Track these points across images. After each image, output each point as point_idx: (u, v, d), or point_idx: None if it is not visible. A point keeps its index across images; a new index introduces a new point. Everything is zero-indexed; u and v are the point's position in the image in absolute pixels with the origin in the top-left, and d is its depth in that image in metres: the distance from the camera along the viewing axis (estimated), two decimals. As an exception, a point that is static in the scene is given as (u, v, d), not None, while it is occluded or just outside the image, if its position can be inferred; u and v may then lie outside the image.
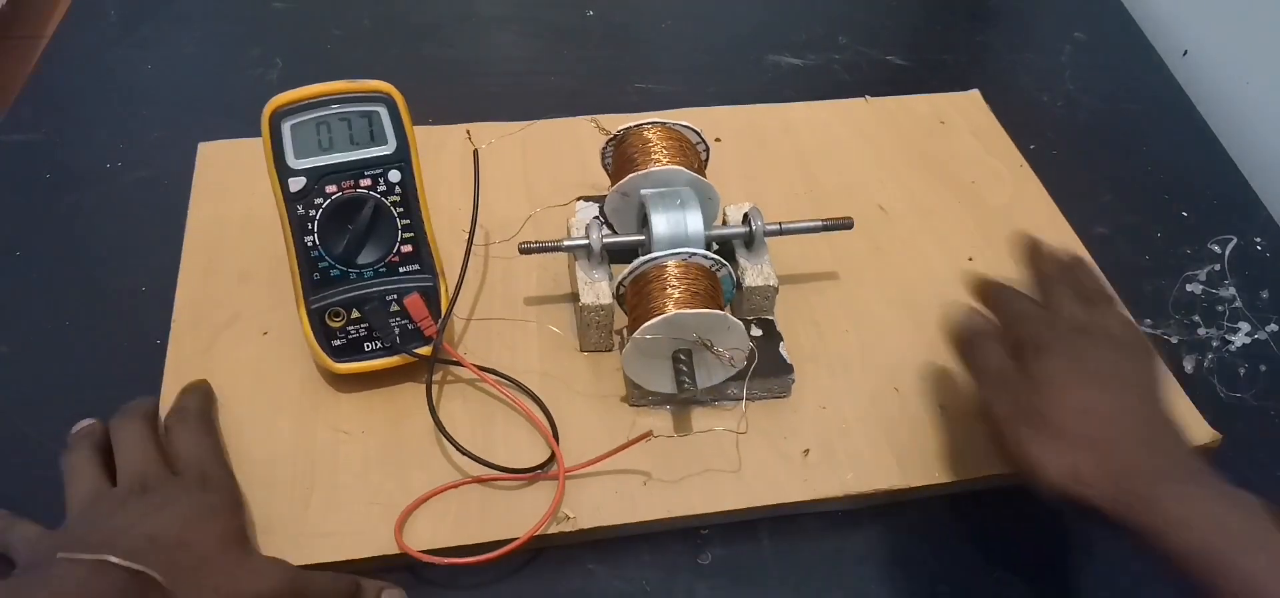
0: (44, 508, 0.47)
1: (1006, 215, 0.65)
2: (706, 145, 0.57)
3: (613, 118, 0.61)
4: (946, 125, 0.72)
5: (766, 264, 0.55)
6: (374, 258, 0.50)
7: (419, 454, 0.50)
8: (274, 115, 0.47)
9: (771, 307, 0.55)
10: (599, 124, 0.58)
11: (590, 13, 0.84)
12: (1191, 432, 0.52)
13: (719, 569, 0.48)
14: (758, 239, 0.55)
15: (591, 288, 0.53)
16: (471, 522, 0.47)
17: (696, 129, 0.56)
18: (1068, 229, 0.64)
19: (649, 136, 0.55)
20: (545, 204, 0.62)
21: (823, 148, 0.69)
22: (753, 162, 0.68)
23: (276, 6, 0.82)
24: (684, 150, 0.55)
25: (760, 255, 0.55)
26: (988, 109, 0.73)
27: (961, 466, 0.51)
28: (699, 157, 0.57)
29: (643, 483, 0.49)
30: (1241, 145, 0.74)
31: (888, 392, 0.54)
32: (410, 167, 0.50)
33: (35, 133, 0.68)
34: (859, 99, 0.74)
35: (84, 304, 0.57)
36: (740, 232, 0.55)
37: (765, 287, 0.54)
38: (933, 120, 0.72)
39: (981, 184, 0.67)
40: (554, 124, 0.69)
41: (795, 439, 0.51)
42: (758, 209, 0.55)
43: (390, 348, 0.51)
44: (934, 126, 0.72)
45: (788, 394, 0.53)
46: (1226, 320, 0.61)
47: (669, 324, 0.48)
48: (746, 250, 0.56)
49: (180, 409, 0.49)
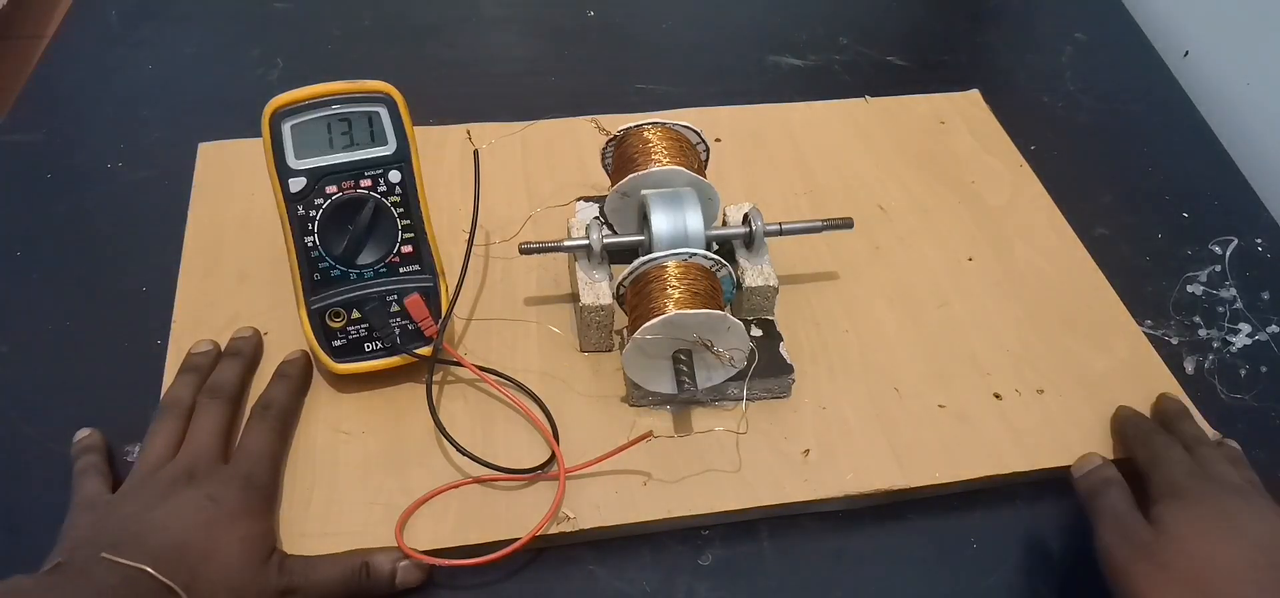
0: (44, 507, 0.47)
1: (1006, 215, 0.65)
2: (706, 146, 0.57)
3: (613, 118, 0.62)
4: (946, 125, 0.72)
5: (766, 264, 0.55)
6: (374, 258, 0.50)
7: (419, 454, 0.50)
8: (274, 115, 0.47)
9: (771, 307, 0.55)
10: (599, 124, 0.59)
11: (591, 13, 0.84)
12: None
13: (719, 570, 0.48)
14: (758, 239, 0.55)
15: (592, 288, 0.53)
16: (472, 522, 0.47)
17: (696, 129, 0.57)
18: (1067, 229, 0.64)
19: (649, 137, 0.55)
20: (545, 204, 0.62)
21: (823, 148, 0.69)
22: (753, 162, 0.68)
23: (277, 6, 0.82)
24: (684, 151, 0.56)
25: (760, 256, 0.56)
26: (987, 109, 0.74)
27: (961, 465, 0.51)
28: (699, 157, 0.57)
29: (643, 483, 0.49)
30: (1242, 146, 0.74)
31: (888, 391, 0.54)
32: (410, 167, 0.50)
33: (35, 133, 0.68)
34: (859, 99, 0.74)
35: (84, 304, 0.57)
36: (740, 232, 0.55)
37: (765, 287, 0.54)
38: (932, 120, 0.72)
39: (981, 184, 0.67)
40: (554, 124, 0.69)
41: (795, 439, 0.52)
42: (757, 209, 0.55)
43: (390, 348, 0.51)
44: (934, 126, 0.72)
45: (788, 394, 0.53)
46: (1227, 322, 0.61)
47: (669, 325, 0.48)
48: (746, 250, 0.56)
49: (267, 402, 0.50)
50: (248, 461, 0.47)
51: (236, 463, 0.47)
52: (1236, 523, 0.42)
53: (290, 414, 0.51)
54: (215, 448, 0.47)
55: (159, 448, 0.47)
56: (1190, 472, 0.45)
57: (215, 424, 0.48)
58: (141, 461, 0.47)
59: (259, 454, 0.47)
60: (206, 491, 0.45)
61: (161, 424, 0.48)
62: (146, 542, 0.42)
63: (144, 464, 0.46)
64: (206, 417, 0.48)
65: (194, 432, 0.48)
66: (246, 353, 0.52)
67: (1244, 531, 0.41)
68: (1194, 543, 0.41)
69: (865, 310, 0.58)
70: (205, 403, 0.49)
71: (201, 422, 0.48)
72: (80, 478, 0.47)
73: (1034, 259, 0.62)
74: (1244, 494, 0.44)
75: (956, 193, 0.66)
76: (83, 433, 0.49)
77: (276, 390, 0.51)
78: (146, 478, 0.45)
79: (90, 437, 0.49)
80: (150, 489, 0.45)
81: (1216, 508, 0.42)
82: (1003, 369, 0.55)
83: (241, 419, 0.50)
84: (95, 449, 0.48)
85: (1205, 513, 0.42)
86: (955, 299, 0.59)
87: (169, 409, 0.49)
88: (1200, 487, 0.44)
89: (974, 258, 0.62)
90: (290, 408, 0.51)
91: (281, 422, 0.49)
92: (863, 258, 0.61)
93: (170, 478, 0.45)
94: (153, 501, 0.44)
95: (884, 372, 0.55)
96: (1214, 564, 0.40)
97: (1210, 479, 0.44)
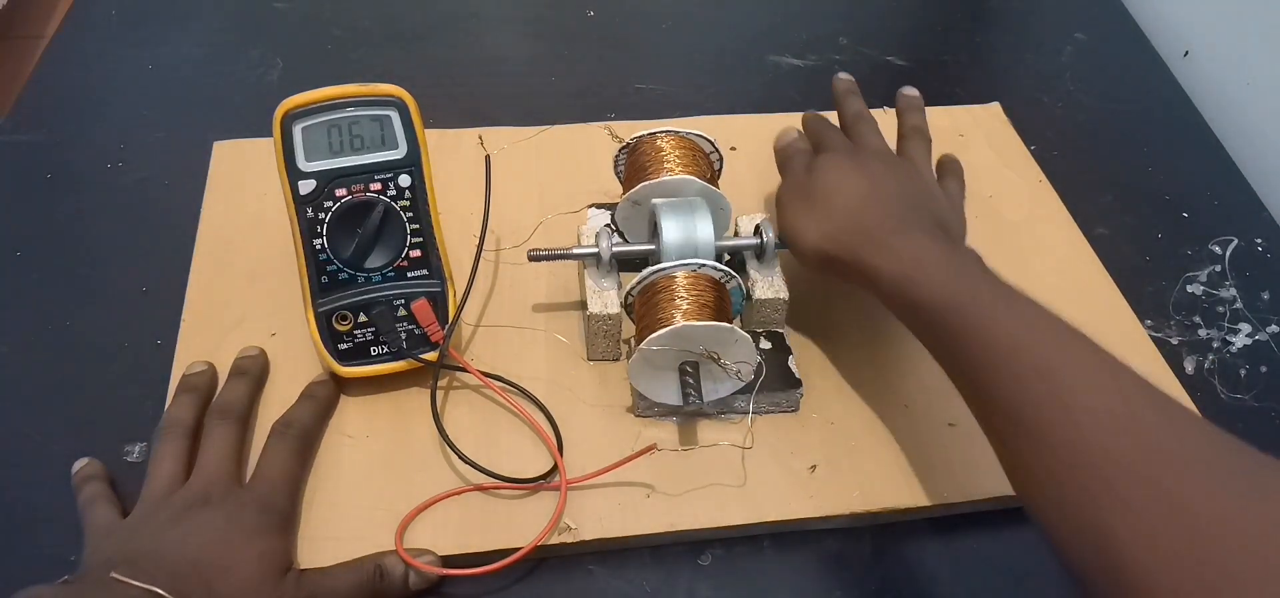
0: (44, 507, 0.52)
1: (1023, 230, 0.69)
2: (720, 155, 0.62)
3: (627, 124, 0.66)
4: (966, 138, 0.77)
5: (777, 276, 0.59)
6: (382, 262, 0.55)
7: (422, 459, 0.54)
8: (286, 117, 0.52)
9: (782, 319, 0.60)
10: (612, 131, 0.63)
11: (591, 13, 0.90)
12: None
13: (720, 570, 0.52)
14: (769, 251, 0.59)
15: (599, 297, 0.57)
16: (473, 530, 0.51)
17: (710, 138, 0.61)
18: (1085, 246, 0.68)
19: (661, 145, 0.60)
20: (558, 210, 0.66)
21: (840, 160, 0.74)
22: (768, 171, 0.71)
23: (277, 6, 0.88)
24: (696, 159, 0.60)
25: (771, 267, 0.60)
26: (1008, 123, 0.78)
27: (972, 486, 0.55)
28: (712, 166, 0.61)
29: (646, 495, 0.53)
30: (1242, 146, 0.80)
31: (898, 408, 0.58)
32: (421, 171, 0.54)
33: (36, 133, 0.73)
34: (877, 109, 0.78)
35: (84, 304, 0.62)
36: (752, 243, 0.59)
37: (775, 299, 0.59)
38: (952, 133, 0.77)
39: (999, 199, 0.72)
40: (569, 130, 0.74)
41: (802, 454, 0.56)
42: (769, 220, 0.59)
43: (396, 353, 0.55)
44: (953, 139, 0.76)
45: (796, 409, 0.58)
46: (1227, 322, 0.66)
47: (676, 336, 0.52)
48: (758, 262, 0.60)
49: (287, 422, 0.53)
50: (266, 485, 0.50)
51: (254, 487, 0.50)
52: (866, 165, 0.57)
53: (312, 436, 0.54)
54: (229, 471, 0.50)
55: (168, 470, 0.50)
56: (844, 141, 0.60)
57: (227, 447, 0.51)
58: (151, 483, 0.50)
59: (277, 479, 0.51)
60: (223, 512, 0.48)
61: (167, 445, 0.51)
62: (165, 559, 0.45)
63: (154, 487, 0.49)
64: (217, 439, 0.51)
65: (205, 455, 0.51)
66: (253, 372, 0.56)
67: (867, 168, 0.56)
68: (828, 175, 0.56)
69: (877, 325, 0.62)
70: (215, 424, 0.52)
71: (212, 444, 0.51)
72: (89, 507, 0.50)
73: (1050, 276, 0.66)
74: (882, 155, 0.59)
75: (973, 206, 0.69)
76: (81, 463, 0.53)
77: (300, 411, 0.54)
78: (160, 502, 0.49)
79: (89, 466, 0.52)
80: (166, 512, 0.48)
81: (853, 158, 0.57)
82: (1016, 388, 0.59)
83: (251, 438, 0.54)
84: (98, 478, 0.52)
85: (842, 160, 0.57)
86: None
87: (172, 429, 0.52)
88: (848, 145, 0.60)
89: (991, 274, 0.66)
90: (312, 430, 0.54)
91: (302, 443, 0.53)
92: (878, 272, 0.66)
93: (185, 502, 0.48)
94: (169, 522, 0.47)
95: (895, 388, 0.59)
96: (841, 189, 0.55)
97: (861, 144, 0.60)
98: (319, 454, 0.54)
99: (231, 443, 0.52)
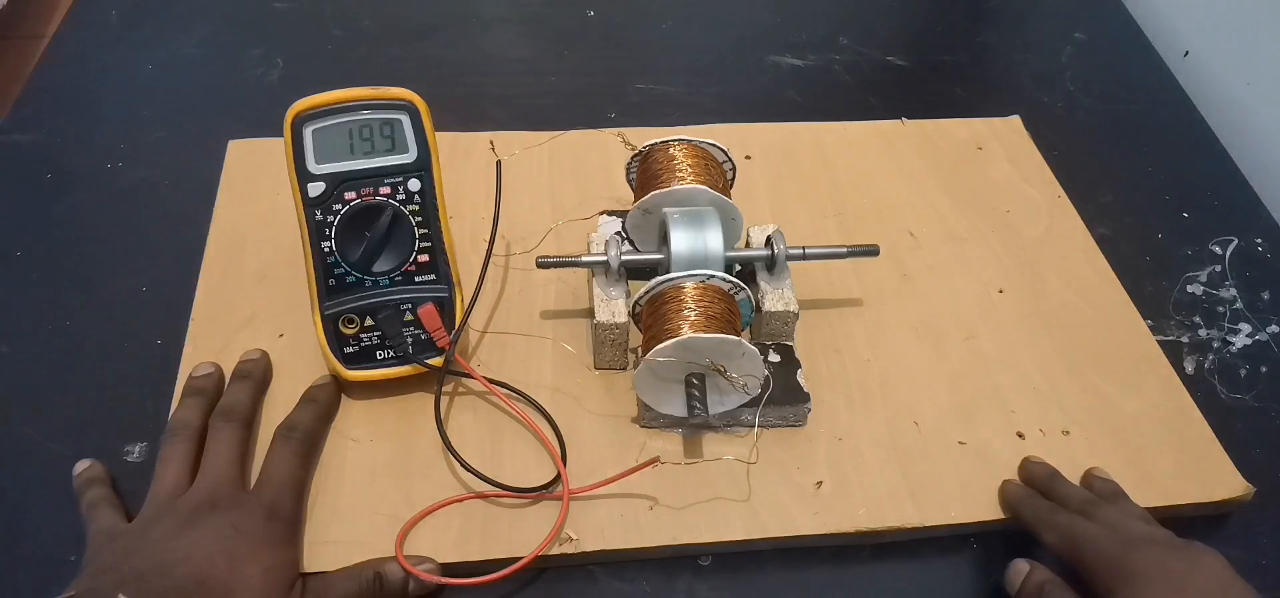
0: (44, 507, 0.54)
1: (1041, 247, 0.70)
2: (733, 164, 0.63)
3: (640, 131, 0.67)
4: (984, 151, 0.78)
5: (787, 289, 0.60)
6: (390, 266, 0.56)
7: (425, 465, 0.55)
8: (296, 119, 0.53)
9: (791, 332, 0.61)
10: (625, 138, 0.64)
11: (591, 13, 0.92)
12: (1225, 484, 0.57)
13: (720, 570, 0.54)
14: (779, 263, 0.60)
15: (607, 305, 0.59)
16: (474, 538, 0.53)
17: (723, 147, 0.62)
18: (1103, 263, 0.70)
19: (674, 153, 0.61)
20: (569, 216, 0.67)
21: (855, 169, 0.75)
22: (782, 181, 0.74)
23: (277, 6, 0.89)
24: (709, 169, 0.61)
25: (782, 280, 0.61)
26: (1027, 137, 0.79)
27: (981, 507, 0.56)
28: (724, 175, 0.62)
29: (649, 508, 0.54)
30: (1242, 146, 0.82)
31: (907, 425, 0.59)
32: (430, 176, 0.56)
33: (36, 133, 0.75)
34: (896, 121, 0.80)
35: (84, 304, 0.63)
36: (762, 254, 0.60)
37: (785, 312, 0.60)
38: (970, 146, 0.78)
39: (1016, 214, 0.73)
40: (581, 135, 0.75)
41: (808, 470, 0.56)
42: (780, 232, 0.60)
43: (402, 357, 0.56)
44: (971, 152, 0.77)
45: (803, 423, 0.58)
46: (1227, 321, 0.68)
47: (683, 347, 0.53)
48: (768, 274, 0.61)
49: (291, 426, 0.55)
50: (271, 490, 0.51)
51: (259, 492, 0.51)
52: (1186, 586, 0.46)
53: (315, 439, 0.55)
54: (234, 474, 0.52)
55: (174, 473, 0.51)
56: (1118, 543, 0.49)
57: (231, 450, 0.53)
58: (157, 486, 0.51)
59: (282, 484, 0.52)
60: (230, 519, 0.49)
61: (173, 448, 0.52)
62: (172, 573, 0.46)
63: (160, 490, 0.51)
64: (222, 442, 0.53)
65: (210, 458, 0.52)
66: (256, 375, 0.57)
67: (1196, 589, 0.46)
68: None
69: (889, 339, 0.63)
70: (219, 427, 0.54)
71: (217, 447, 0.52)
72: (93, 511, 0.51)
73: (1067, 294, 0.67)
74: (1172, 546, 0.48)
75: (990, 221, 0.72)
76: (83, 465, 0.54)
77: (303, 414, 0.55)
78: (166, 506, 0.50)
79: (92, 468, 0.54)
80: (171, 518, 0.49)
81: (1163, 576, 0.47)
82: (1028, 407, 0.60)
83: (254, 441, 0.55)
84: (100, 481, 0.53)
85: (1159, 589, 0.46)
86: (983, 332, 0.64)
87: (178, 432, 0.53)
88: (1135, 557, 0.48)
89: (1005, 290, 0.67)
90: (316, 433, 0.55)
91: (305, 447, 0.54)
92: (889, 285, 0.67)
93: (191, 507, 0.49)
94: (175, 530, 0.48)
95: (904, 404, 0.60)
96: None
97: (1137, 545, 0.48)
98: (322, 457, 0.55)
99: (235, 446, 0.53)
